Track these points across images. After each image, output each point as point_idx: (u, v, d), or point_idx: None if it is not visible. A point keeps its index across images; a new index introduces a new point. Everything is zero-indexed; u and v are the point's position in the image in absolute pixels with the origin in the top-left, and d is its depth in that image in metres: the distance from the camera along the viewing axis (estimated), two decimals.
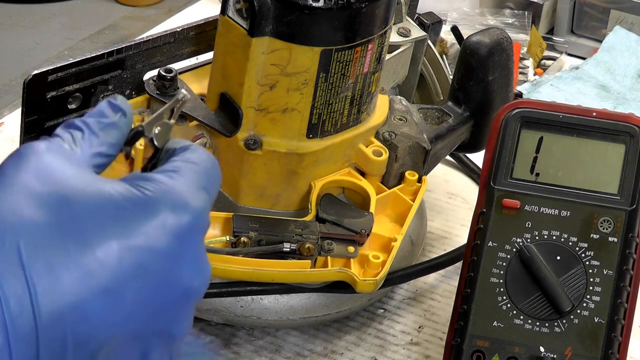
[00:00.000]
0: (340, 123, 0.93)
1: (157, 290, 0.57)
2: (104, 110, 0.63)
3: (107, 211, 0.56)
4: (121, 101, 0.63)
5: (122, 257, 0.56)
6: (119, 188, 0.57)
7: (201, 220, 0.59)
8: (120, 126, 0.63)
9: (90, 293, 0.55)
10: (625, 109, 1.31)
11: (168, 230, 0.57)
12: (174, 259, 0.57)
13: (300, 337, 0.98)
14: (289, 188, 0.94)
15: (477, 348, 0.83)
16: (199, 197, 0.59)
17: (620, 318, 0.83)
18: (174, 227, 0.57)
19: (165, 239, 0.57)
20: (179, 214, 0.58)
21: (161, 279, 0.57)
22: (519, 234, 0.86)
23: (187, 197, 0.58)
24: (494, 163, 0.88)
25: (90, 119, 0.62)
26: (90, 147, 0.61)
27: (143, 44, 0.94)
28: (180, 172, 0.59)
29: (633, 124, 0.88)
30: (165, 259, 0.57)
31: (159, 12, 1.94)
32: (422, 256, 1.06)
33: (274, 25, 0.87)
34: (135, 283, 0.56)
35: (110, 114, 0.63)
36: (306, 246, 0.89)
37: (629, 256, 0.85)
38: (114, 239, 0.56)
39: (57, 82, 0.90)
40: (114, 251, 0.56)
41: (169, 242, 0.57)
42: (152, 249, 0.56)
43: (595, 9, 1.50)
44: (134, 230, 0.56)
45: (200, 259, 0.59)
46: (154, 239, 0.57)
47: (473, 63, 0.99)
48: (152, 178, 0.59)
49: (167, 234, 0.57)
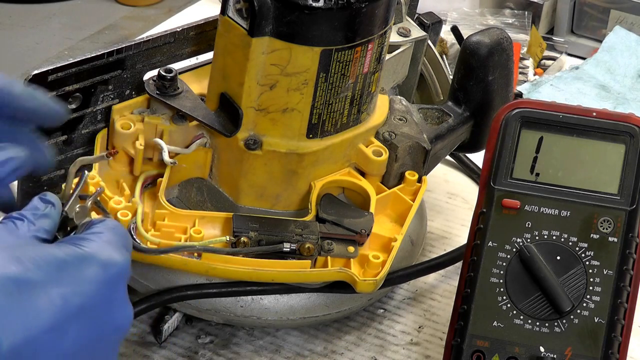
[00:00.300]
0: (340, 123, 0.93)
1: (94, 327, 0.69)
2: (37, 204, 0.74)
3: (53, 264, 0.67)
4: (50, 196, 0.75)
5: (65, 300, 0.67)
6: (62, 247, 0.69)
7: (125, 272, 0.71)
8: (52, 216, 0.75)
9: (41, 330, 0.65)
10: (625, 109, 1.31)
11: (101, 279, 0.69)
12: (106, 302, 0.69)
13: (300, 337, 0.98)
14: (289, 188, 0.94)
15: (477, 348, 0.83)
16: (121, 253, 0.71)
17: (620, 318, 0.83)
18: (106, 277, 0.69)
19: (99, 286, 0.69)
20: (108, 267, 0.70)
21: (97, 318, 0.69)
22: (519, 234, 0.86)
23: (114, 254, 0.71)
24: (494, 163, 0.88)
25: (26, 212, 0.74)
26: (29, 231, 0.72)
27: (143, 44, 0.94)
28: (105, 233, 0.72)
29: (633, 124, 0.88)
30: (100, 301, 0.69)
31: (159, 12, 1.94)
32: (422, 256, 1.06)
33: (274, 25, 0.87)
34: (77, 322, 0.67)
35: (42, 206, 0.75)
36: (306, 246, 0.89)
37: (629, 256, 0.85)
38: (59, 286, 0.67)
39: (57, 82, 0.90)
40: (59, 295, 0.67)
41: (102, 289, 0.69)
42: (89, 294, 0.68)
43: (595, 9, 1.50)
44: (75, 279, 0.68)
45: (126, 301, 0.71)
46: (90, 286, 0.68)
47: (473, 63, 0.99)
48: (86, 238, 0.71)
49: (101, 283, 0.69)
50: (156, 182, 0.94)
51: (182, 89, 0.94)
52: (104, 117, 0.95)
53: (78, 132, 0.94)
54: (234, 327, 0.97)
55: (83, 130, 0.94)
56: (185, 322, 0.97)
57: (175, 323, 0.95)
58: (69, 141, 0.94)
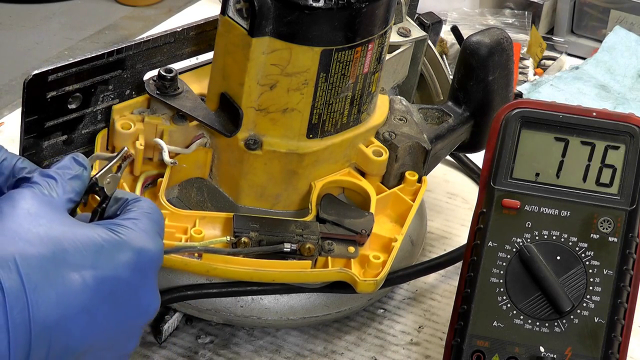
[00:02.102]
0: (341, 123, 0.93)
1: (123, 311, 0.72)
2: (69, 164, 0.76)
3: (90, 248, 0.70)
4: (82, 158, 0.77)
5: (98, 284, 0.70)
6: (99, 231, 0.71)
7: (158, 260, 0.74)
8: (83, 178, 0.76)
9: (73, 310, 0.69)
10: (625, 109, 1.31)
11: (134, 266, 0.72)
12: (137, 288, 0.72)
13: (300, 337, 0.98)
14: (289, 188, 0.94)
15: (477, 348, 0.83)
16: (155, 242, 0.74)
17: (620, 318, 0.83)
18: (139, 264, 0.72)
19: (131, 272, 0.72)
20: (142, 254, 0.72)
21: (126, 303, 0.72)
22: (519, 234, 0.86)
23: (148, 241, 0.73)
24: (494, 163, 0.88)
25: (60, 170, 0.75)
26: (64, 194, 0.74)
27: (143, 44, 0.94)
28: (141, 220, 0.74)
29: (633, 124, 0.88)
30: (130, 287, 0.72)
31: (159, 12, 1.94)
32: (422, 256, 1.06)
33: (274, 25, 0.87)
34: (107, 304, 0.70)
35: (74, 167, 0.76)
36: (307, 246, 0.89)
37: (629, 256, 0.85)
38: (93, 269, 0.70)
39: (57, 82, 0.90)
40: (93, 278, 0.70)
41: (134, 275, 0.72)
42: (122, 280, 0.71)
43: (595, 9, 1.50)
44: (109, 264, 0.71)
45: (154, 289, 0.74)
46: (123, 272, 0.71)
47: (473, 63, 0.99)
48: (123, 224, 0.73)
49: (133, 269, 0.72)
50: (156, 182, 0.94)
51: (182, 89, 0.94)
52: (104, 117, 0.95)
53: (78, 132, 0.94)
54: (234, 327, 0.97)
55: (83, 130, 0.94)
56: (185, 322, 0.97)
57: (175, 323, 0.95)
58: (69, 141, 0.94)
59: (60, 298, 0.68)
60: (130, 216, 0.75)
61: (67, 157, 0.77)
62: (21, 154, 0.92)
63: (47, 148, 0.93)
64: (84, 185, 0.76)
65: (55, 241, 0.69)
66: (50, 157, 0.94)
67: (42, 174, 0.75)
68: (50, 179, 0.74)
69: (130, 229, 0.73)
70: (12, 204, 0.71)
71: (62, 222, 0.71)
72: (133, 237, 0.72)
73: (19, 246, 0.68)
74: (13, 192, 0.73)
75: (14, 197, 0.72)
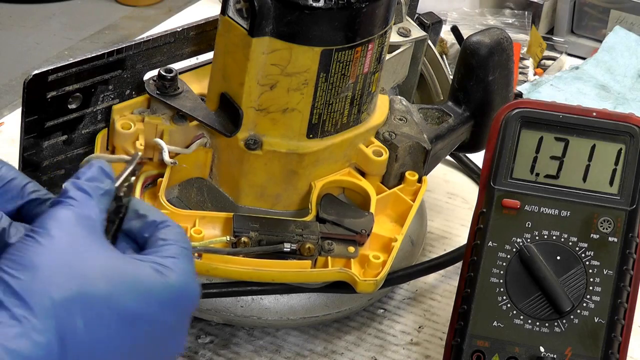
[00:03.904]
0: (341, 123, 0.93)
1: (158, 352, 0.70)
2: (98, 176, 0.71)
3: (140, 290, 0.68)
4: (110, 169, 0.73)
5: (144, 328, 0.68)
6: (146, 271, 0.69)
7: (196, 302, 0.72)
8: (111, 193, 0.72)
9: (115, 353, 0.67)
10: (625, 109, 1.31)
11: (177, 310, 0.70)
12: (175, 331, 0.71)
13: (300, 337, 0.98)
14: (289, 188, 0.94)
15: (477, 348, 0.83)
16: (196, 285, 0.71)
17: (620, 318, 0.83)
18: (181, 308, 0.70)
19: (174, 317, 0.70)
20: (185, 298, 0.70)
21: (163, 344, 0.70)
22: (519, 234, 0.86)
23: (191, 284, 0.71)
24: (494, 163, 0.88)
25: (92, 184, 0.71)
26: (100, 213, 0.70)
27: (143, 44, 0.94)
28: (181, 260, 0.71)
29: (633, 124, 0.88)
30: (170, 330, 0.70)
31: (159, 12, 1.94)
32: (422, 256, 1.06)
33: (274, 25, 0.87)
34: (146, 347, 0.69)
35: (104, 181, 0.72)
36: (306, 246, 0.89)
37: (629, 256, 0.85)
38: (142, 313, 0.68)
39: (57, 82, 0.90)
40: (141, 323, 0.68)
41: (176, 319, 0.70)
42: (165, 323, 0.69)
43: (595, 9, 1.50)
44: (156, 309, 0.68)
45: (186, 332, 0.72)
46: (167, 316, 0.69)
47: (473, 63, 0.99)
48: (166, 265, 0.70)
49: (176, 313, 0.70)
50: (156, 182, 0.94)
51: (182, 89, 0.94)
52: (104, 117, 0.95)
53: (78, 132, 0.94)
54: (234, 327, 0.97)
55: (83, 130, 0.94)
56: None
57: None
58: (69, 141, 0.94)
59: (110, 344, 0.66)
60: (169, 254, 0.71)
61: (95, 166, 0.72)
62: (21, 154, 0.92)
63: (47, 148, 0.93)
64: (111, 201, 0.72)
65: (107, 279, 0.66)
66: (50, 157, 0.94)
67: (75, 187, 0.70)
68: (86, 195, 0.70)
69: (174, 272, 0.70)
70: (59, 226, 0.67)
71: (109, 254, 0.68)
72: (178, 280, 0.70)
73: (77, 284, 0.65)
74: (55, 212, 0.68)
75: (59, 218, 0.68)
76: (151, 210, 0.75)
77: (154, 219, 0.74)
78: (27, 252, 0.66)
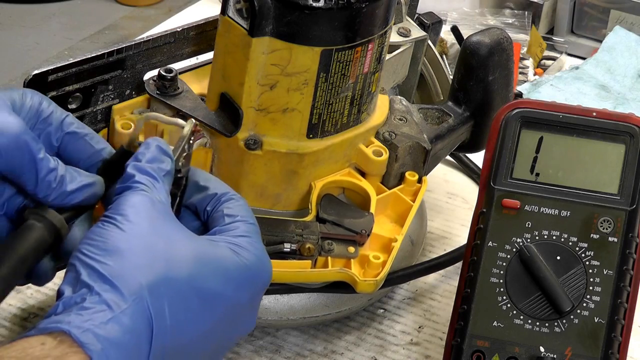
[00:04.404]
0: (341, 123, 0.93)
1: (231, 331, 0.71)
2: (158, 156, 0.72)
3: (219, 272, 0.69)
4: (167, 147, 0.73)
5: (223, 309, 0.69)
6: (224, 252, 0.70)
7: (269, 282, 0.73)
8: (172, 172, 0.72)
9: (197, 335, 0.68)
10: (625, 109, 1.31)
11: (252, 290, 0.71)
12: (249, 310, 0.72)
13: (300, 337, 0.98)
14: (289, 188, 0.94)
15: (477, 348, 0.83)
16: (269, 264, 0.73)
17: (620, 318, 0.83)
18: (256, 288, 0.72)
19: (249, 297, 0.71)
20: (260, 278, 0.72)
21: (237, 323, 0.71)
22: (519, 234, 0.86)
23: (265, 264, 0.72)
24: (494, 163, 0.88)
25: (154, 165, 0.71)
26: (167, 197, 0.71)
27: (143, 44, 0.94)
28: (254, 238, 0.72)
29: (633, 124, 0.88)
30: (244, 310, 0.71)
31: (159, 12, 1.94)
32: (422, 256, 1.06)
33: (274, 25, 0.87)
34: (223, 326, 0.70)
35: (165, 160, 0.72)
36: (306, 246, 0.89)
37: (629, 256, 0.85)
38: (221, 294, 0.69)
39: (57, 82, 0.90)
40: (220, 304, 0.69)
41: (251, 299, 0.72)
42: (240, 304, 0.70)
43: (595, 9, 1.50)
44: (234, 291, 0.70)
45: (256, 311, 0.74)
46: (243, 296, 0.70)
47: (473, 63, 0.99)
48: (240, 245, 0.71)
49: (251, 293, 0.71)
50: None
51: (182, 89, 0.94)
52: (104, 117, 0.95)
53: None
54: None
55: None
56: None
57: None
58: None
59: (191, 325, 0.67)
60: (241, 232, 0.72)
61: (153, 146, 0.72)
62: None
63: None
64: (172, 178, 0.72)
65: (189, 262, 0.67)
66: None
67: (140, 171, 0.70)
68: (152, 179, 0.70)
69: (249, 251, 0.71)
70: (136, 212, 0.68)
71: (187, 236, 0.69)
72: (253, 261, 0.71)
73: (162, 267, 0.66)
74: (130, 198, 0.68)
75: (134, 204, 0.68)
76: (211, 181, 0.75)
77: (215, 191, 0.74)
78: (110, 237, 0.66)
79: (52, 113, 0.76)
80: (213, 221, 0.73)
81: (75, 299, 0.64)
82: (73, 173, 0.75)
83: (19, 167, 0.72)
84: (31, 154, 0.72)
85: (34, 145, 0.72)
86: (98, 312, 0.63)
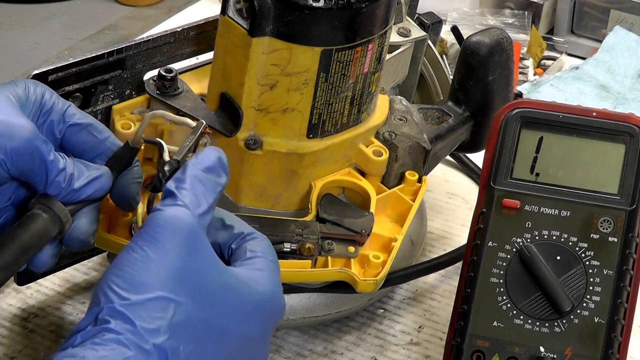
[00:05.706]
0: (341, 123, 0.93)
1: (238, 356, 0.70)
2: (217, 167, 0.72)
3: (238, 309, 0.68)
4: (226, 159, 0.72)
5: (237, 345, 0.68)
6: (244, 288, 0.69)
7: (281, 315, 0.73)
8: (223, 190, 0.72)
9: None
10: (625, 109, 1.31)
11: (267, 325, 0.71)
12: (262, 344, 0.71)
13: (300, 337, 0.98)
14: (289, 188, 0.94)
15: (477, 348, 0.83)
16: (282, 297, 0.72)
17: (620, 318, 0.83)
18: (270, 323, 0.71)
19: (263, 332, 0.71)
20: (275, 314, 0.72)
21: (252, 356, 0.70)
22: (519, 234, 0.86)
23: (280, 300, 0.72)
24: (494, 163, 0.88)
25: (210, 177, 0.71)
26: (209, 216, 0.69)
27: (143, 44, 0.94)
28: (272, 274, 0.72)
29: (633, 124, 0.88)
30: (258, 344, 0.70)
31: (159, 12, 1.94)
32: (422, 256, 1.06)
33: (274, 25, 0.87)
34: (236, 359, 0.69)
35: (221, 175, 0.72)
36: (306, 246, 0.89)
37: (629, 256, 0.85)
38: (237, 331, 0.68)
39: (57, 82, 0.90)
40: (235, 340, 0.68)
41: (265, 333, 0.71)
42: (255, 339, 0.70)
43: (595, 9, 1.50)
44: (250, 327, 0.69)
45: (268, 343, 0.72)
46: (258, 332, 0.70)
47: (473, 63, 0.99)
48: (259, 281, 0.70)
49: (266, 328, 0.71)
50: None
51: (182, 89, 0.94)
52: (104, 117, 0.95)
53: None
54: None
55: None
56: None
57: None
58: None
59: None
60: (258, 267, 0.71)
61: (214, 155, 0.72)
62: None
63: None
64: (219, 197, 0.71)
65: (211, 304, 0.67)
66: None
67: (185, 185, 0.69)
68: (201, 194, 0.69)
69: (263, 285, 0.70)
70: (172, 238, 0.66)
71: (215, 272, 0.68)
72: (267, 294, 0.70)
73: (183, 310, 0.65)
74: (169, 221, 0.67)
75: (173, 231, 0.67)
76: (237, 221, 0.74)
77: (241, 231, 0.73)
78: (139, 269, 0.65)
79: (55, 104, 0.77)
80: (235, 257, 0.73)
81: (94, 333, 0.63)
82: (81, 167, 0.75)
83: (30, 170, 0.73)
84: (42, 158, 0.72)
85: (44, 148, 0.73)
86: (114, 350, 0.62)
